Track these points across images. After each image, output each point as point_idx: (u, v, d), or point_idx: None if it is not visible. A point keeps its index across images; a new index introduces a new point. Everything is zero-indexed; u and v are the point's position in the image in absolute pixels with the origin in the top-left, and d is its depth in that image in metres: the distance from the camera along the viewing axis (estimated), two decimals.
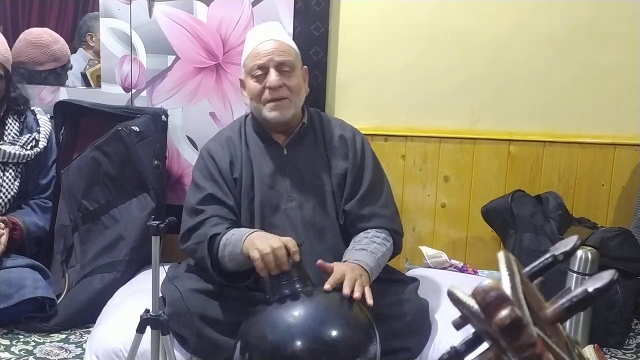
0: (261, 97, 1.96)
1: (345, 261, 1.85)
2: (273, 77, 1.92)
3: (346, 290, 1.69)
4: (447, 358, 0.51)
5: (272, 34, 2.01)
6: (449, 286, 0.50)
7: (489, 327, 0.43)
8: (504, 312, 0.42)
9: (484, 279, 0.44)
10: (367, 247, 1.90)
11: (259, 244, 1.72)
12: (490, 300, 0.43)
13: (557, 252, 0.55)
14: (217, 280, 1.89)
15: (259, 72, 1.95)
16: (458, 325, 0.53)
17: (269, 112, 1.96)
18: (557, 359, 0.43)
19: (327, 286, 1.72)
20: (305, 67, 2.08)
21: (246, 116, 2.13)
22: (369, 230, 1.98)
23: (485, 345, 0.49)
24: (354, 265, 1.80)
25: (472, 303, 0.45)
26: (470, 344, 0.50)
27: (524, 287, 0.47)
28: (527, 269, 0.54)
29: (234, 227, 1.90)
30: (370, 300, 1.72)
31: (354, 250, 1.90)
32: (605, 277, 0.48)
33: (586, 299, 0.47)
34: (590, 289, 0.47)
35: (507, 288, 0.45)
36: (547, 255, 0.55)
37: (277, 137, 2.04)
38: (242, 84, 2.05)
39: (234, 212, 1.97)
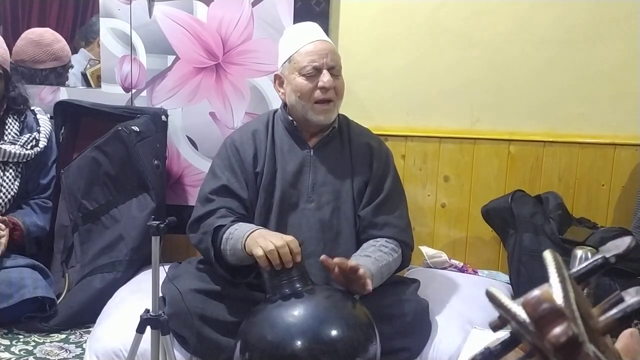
0: (310, 96, 1.96)
1: None
2: (328, 77, 1.95)
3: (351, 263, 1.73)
4: (480, 359, 0.47)
5: (321, 35, 2.05)
6: (488, 287, 0.46)
7: (539, 340, 0.40)
8: (559, 329, 0.38)
9: (536, 290, 0.40)
10: (371, 255, 1.90)
11: (262, 242, 1.72)
12: (543, 314, 0.39)
13: (608, 253, 0.50)
14: (220, 273, 1.89)
15: (312, 72, 1.96)
16: (496, 327, 0.49)
17: (316, 115, 1.98)
18: None
19: (323, 257, 1.76)
20: None
21: (275, 111, 2.13)
22: (378, 239, 1.99)
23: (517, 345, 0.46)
24: None
25: (519, 311, 0.42)
26: (506, 345, 0.46)
27: (575, 295, 0.43)
28: (574, 270, 0.49)
29: (241, 221, 1.91)
30: (369, 287, 1.73)
31: (358, 257, 1.91)
32: None
33: None
34: None
35: (558, 298, 0.41)
36: (598, 257, 0.49)
37: (307, 137, 2.06)
38: (280, 79, 2.04)
39: (246, 207, 1.98)
